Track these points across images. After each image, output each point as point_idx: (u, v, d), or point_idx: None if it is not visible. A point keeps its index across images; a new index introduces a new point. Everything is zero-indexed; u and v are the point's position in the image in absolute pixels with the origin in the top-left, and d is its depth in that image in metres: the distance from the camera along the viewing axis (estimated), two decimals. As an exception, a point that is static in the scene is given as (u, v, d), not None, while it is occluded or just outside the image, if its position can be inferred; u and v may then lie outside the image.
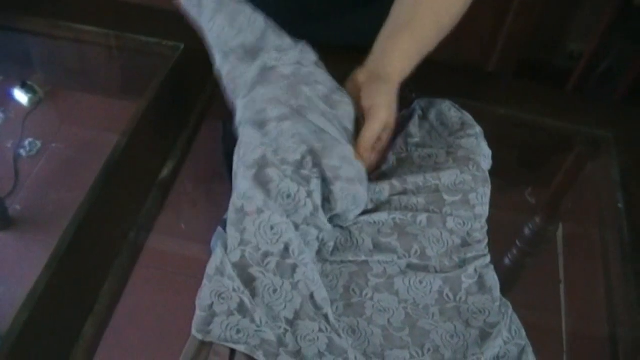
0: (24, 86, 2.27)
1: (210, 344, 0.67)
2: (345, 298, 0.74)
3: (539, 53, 2.27)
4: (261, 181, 0.73)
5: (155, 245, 0.87)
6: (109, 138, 2.11)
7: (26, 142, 2.17)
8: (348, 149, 0.79)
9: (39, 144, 2.17)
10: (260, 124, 0.78)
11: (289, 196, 0.73)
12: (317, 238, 0.77)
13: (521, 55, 2.09)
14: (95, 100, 2.24)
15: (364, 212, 0.80)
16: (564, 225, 1.31)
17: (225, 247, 0.73)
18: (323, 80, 0.84)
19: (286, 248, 0.71)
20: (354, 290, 0.75)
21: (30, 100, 2.26)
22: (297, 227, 0.74)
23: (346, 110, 0.82)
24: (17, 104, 2.28)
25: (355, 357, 0.68)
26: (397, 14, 0.85)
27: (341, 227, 0.80)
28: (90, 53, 1.22)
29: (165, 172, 0.85)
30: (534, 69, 2.22)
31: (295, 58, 0.84)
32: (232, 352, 0.67)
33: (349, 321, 0.73)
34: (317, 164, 0.75)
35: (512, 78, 1.99)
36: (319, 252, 0.78)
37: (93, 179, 0.85)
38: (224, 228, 1.92)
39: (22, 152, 2.15)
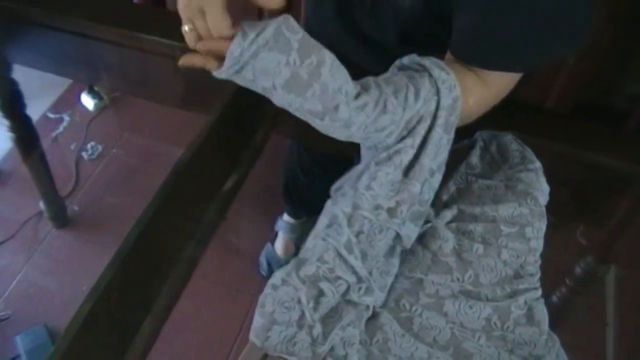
0: (91, 91, 2.34)
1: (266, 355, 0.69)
2: (395, 311, 0.76)
3: (597, 94, 2.24)
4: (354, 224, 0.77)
5: (210, 256, 0.89)
6: (168, 148, 2.19)
7: (88, 146, 2.24)
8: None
9: (100, 148, 2.24)
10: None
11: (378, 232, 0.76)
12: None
13: (579, 96, 2.08)
14: (159, 110, 2.30)
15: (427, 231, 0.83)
16: (616, 268, 1.30)
17: (297, 262, 0.76)
18: None
19: (359, 281, 0.74)
20: (404, 305, 0.77)
21: (95, 105, 2.34)
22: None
23: None
24: (83, 108, 2.35)
25: None
26: None
27: None
28: (159, 64, 1.25)
29: (229, 184, 0.87)
30: (591, 109, 2.20)
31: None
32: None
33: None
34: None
35: (571, 115, 1.98)
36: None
37: (152, 187, 0.87)
38: (273, 244, 1.95)
39: (84, 154, 2.21)
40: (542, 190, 0.85)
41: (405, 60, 0.79)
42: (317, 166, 1.55)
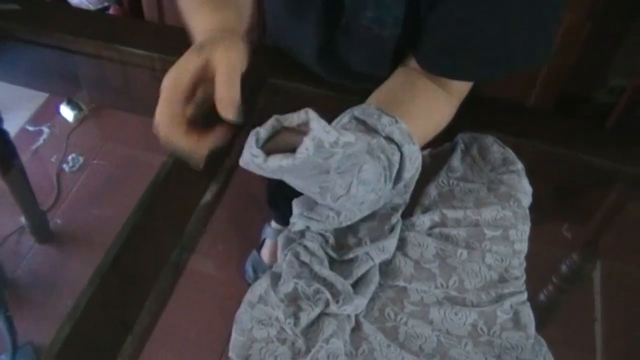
0: (70, 102, 2.32)
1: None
2: (380, 321, 0.75)
3: (579, 88, 2.25)
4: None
5: (194, 266, 0.88)
6: (150, 157, 2.17)
7: (69, 158, 2.22)
8: None
9: (81, 159, 2.22)
10: None
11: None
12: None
13: (561, 90, 2.08)
14: (138, 120, 2.27)
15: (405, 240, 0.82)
16: (602, 263, 1.29)
17: (271, 277, 0.75)
18: None
19: (338, 293, 0.73)
20: (389, 314, 0.76)
21: (75, 116, 2.32)
22: None
23: None
24: (63, 119, 2.33)
25: None
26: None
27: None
28: (136, 75, 1.24)
29: (208, 195, 0.86)
30: (574, 103, 2.21)
31: None
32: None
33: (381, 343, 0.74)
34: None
35: (552, 113, 1.99)
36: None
37: (135, 197, 0.86)
38: (259, 252, 1.94)
39: (65, 167, 2.19)
40: (524, 192, 0.84)
41: (366, 117, 0.77)
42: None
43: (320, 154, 0.59)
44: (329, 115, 0.81)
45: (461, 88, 0.87)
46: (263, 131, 0.61)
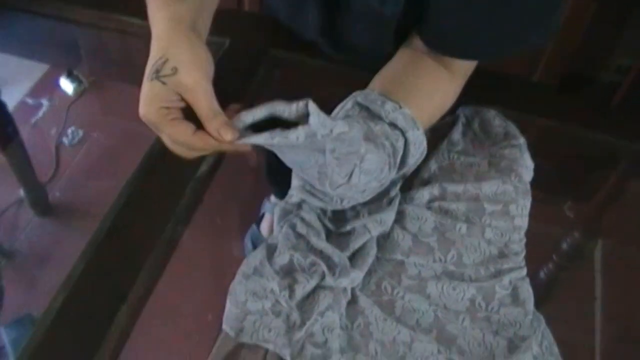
0: (70, 75, 2.30)
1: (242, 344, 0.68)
2: (376, 295, 0.74)
3: (584, 67, 2.23)
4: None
5: (190, 238, 0.87)
6: (150, 130, 2.14)
7: (69, 131, 2.20)
8: None
9: (81, 132, 2.20)
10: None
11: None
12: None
13: (566, 69, 2.06)
14: (139, 92, 2.26)
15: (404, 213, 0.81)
16: (603, 242, 1.29)
17: (267, 248, 0.74)
18: None
19: (334, 265, 0.72)
20: (385, 288, 0.75)
21: (74, 89, 2.30)
22: None
23: None
24: (62, 92, 2.31)
25: (376, 350, 0.69)
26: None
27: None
28: (136, 45, 1.23)
29: (204, 166, 0.85)
30: (579, 82, 2.19)
31: None
32: (266, 350, 0.67)
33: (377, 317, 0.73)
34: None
35: (557, 89, 1.97)
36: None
37: (133, 170, 0.86)
38: (259, 226, 1.92)
39: (65, 140, 2.17)
40: (526, 167, 0.83)
41: (369, 104, 0.76)
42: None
43: (310, 142, 0.59)
44: (330, 89, 0.80)
45: (465, 67, 0.86)
46: (250, 117, 0.62)
